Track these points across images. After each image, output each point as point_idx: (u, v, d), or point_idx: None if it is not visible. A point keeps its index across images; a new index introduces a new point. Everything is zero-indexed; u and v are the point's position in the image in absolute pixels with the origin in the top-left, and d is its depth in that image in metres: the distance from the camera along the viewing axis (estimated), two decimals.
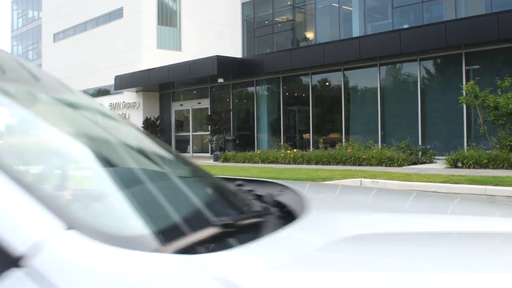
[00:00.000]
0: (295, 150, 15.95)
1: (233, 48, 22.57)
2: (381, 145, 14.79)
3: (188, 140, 22.56)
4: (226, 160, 16.97)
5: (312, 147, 17.09)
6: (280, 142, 17.97)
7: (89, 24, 26.62)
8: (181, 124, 23.30)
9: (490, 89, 12.28)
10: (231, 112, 20.21)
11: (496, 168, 11.33)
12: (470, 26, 12.96)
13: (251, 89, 19.77)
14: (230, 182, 1.51)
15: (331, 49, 15.83)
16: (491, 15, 12.99)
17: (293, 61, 16.79)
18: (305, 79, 18.09)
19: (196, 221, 0.91)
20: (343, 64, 16.22)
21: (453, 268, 0.82)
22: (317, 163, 14.27)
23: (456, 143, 13.64)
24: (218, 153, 18.08)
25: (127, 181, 0.90)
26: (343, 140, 16.13)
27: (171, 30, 23.86)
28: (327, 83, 17.80)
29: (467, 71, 13.87)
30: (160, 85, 21.82)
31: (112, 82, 22.89)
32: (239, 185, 1.50)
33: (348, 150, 14.10)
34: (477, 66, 14.02)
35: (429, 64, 14.85)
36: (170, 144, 22.71)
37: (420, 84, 14.83)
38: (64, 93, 1.12)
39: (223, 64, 17.94)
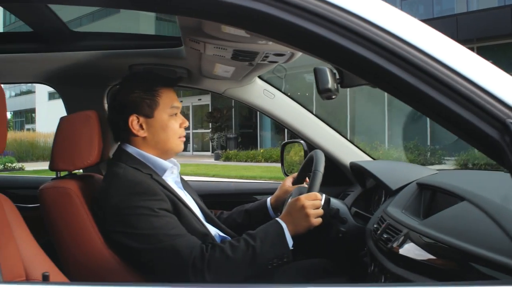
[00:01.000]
0: None
1: None
2: (388, 146, 14.50)
3: (188, 138, 22.23)
4: (227, 159, 16.55)
5: None
6: (284, 140, 17.57)
7: (84, 19, 26.22)
8: None
9: None
10: (233, 109, 19.83)
11: None
12: (482, 19, 12.93)
13: None
14: None
15: None
16: (505, 8, 13.04)
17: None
18: (308, 77, 17.70)
19: None
20: None
21: None
22: None
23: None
24: (220, 151, 17.67)
25: None
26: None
27: (170, 25, 23.47)
28: None
29: None
30: None
31: None
32: None
33: None
34: (489, 61, 13.67)
35: None
36: None
37: None
38: None
39: None
